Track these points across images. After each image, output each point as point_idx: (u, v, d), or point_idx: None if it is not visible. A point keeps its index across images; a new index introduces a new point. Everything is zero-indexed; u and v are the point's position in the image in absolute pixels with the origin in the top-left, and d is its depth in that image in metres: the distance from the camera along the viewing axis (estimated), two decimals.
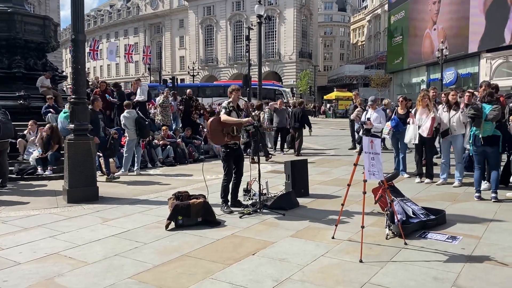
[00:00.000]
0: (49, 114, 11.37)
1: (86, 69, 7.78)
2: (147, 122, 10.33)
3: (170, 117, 13.90)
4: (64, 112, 10.62)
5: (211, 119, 6.37)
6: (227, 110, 6.19)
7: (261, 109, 12.28)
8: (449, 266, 4.02)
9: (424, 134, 7.78)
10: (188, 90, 14.82)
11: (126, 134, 10.03)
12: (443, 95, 8.08)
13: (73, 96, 7.28)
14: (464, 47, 35.27)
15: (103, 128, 9.35)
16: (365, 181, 4.46)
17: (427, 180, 8.11)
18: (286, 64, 57.60)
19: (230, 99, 6.31)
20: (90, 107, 8.92)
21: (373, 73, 55.75)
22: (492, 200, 6.54)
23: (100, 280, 3.81)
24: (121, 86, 13.56)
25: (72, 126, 7.23)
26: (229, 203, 6.30)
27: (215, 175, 9.06)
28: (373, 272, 3.90)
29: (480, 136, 6.51)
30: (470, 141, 6.81)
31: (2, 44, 12.73)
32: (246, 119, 6.19)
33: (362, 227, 4.37)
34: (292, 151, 13.82)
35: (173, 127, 13.84)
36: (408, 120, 8.28)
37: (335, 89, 53.49)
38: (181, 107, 14.07)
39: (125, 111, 9.90)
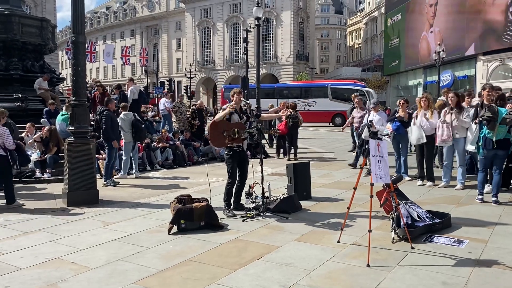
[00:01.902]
0: (43, 119, 11.28)
1: None
2: (143, 125, 10.24)
3: (185, 122, 13.72)
4: (62, 115, 10.53)
5: (211, 122, 6.30)
6: (225, 111, 6.12)
7: (295, 109, 12.49)
8: (457, 271, 3.97)
9: (449, 143, 7.62)
10: (199, 101, 14.78)
11: (122, 136, 9.96)
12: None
13: (74, 98, 7.20)
14: (461, 49, 35.37)
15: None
16: (372, 184, 4.41)
17: (429, 183, 8.08)
18: (283, 67, 57.57)
19: (232, 102, 6.25)
20: (105, 108, 8.92)
21: (370, 75, 55.83)
22: (493, 203, 6.50)
23: (104, 286, 3.74)
24: (122, 88, 13.36)
25: (72, 128, 7.14)
26: (232, 207, 6.23)
27: (215, 178, 9.00)
28: (381, 277, 3.85)
29: (494, 139, 6.34)
30: (480, 144, 6.67)
31: None
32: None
33: (370, 231, 4.32)
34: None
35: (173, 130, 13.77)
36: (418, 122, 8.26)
37: None
38: (196, 121, 13.67)
39: (122, 113, 9.83)
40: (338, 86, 34.35)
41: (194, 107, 13.89)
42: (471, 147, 7.50)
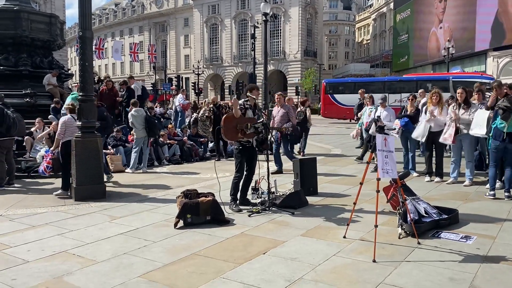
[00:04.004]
0: (50, 116, 11.34)
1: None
2: (156, 121, 10.26)
3: (210, 131, 13.34)
4: (72, 94, 10.49)
5: (226, 115, 6.33)
6: (242, 107, 6.15)
7: (305, 105, 12.50)
8: (465, 267, 3.93)
9: (448, 142, 7.60)
10: (212, 97, 14.24)
11: (133, 132, 10.00)
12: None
13: (81, 94, 7.23)
14: (470, 45, 35.03)
15: None
16: (378, 179, 4.38)
17: (437, 179, 8.01)
18: (291, 63, 57.46)
19: (247, 98, 6.29)
20: None
21: (379, 71, 55.55)
22: (506, 198, 6.42)
23: (109, 279, 3.76)
24: (129, 84, 13.36)
25: (79, 123, 7.18)
26: (238, 202, 6.23)
27: (222, 173, 8.96)
28: (387, 272, 3.83)
29: (505, 130, 6.26)
30: (491, 135, 6.58)
31: (8, 42, 12.70)
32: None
33: (376, 226, 4.29)
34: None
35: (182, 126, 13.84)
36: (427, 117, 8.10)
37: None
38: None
39: (133, 109, 9.86)
40: (462, 79, 27.51)
41: (211, 105, 12.63)
42: (479, 132, 7.15)
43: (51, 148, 7.58)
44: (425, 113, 8.16)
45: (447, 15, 39.39)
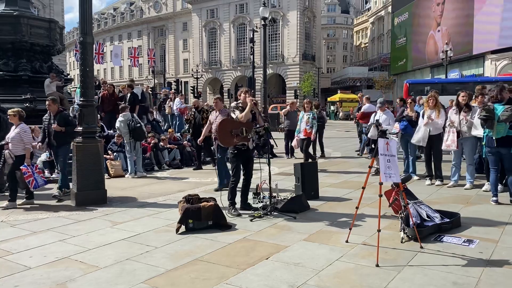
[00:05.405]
0: None
1: None
2: (138, 124, 10.05)
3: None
4: (78, 88, 10.44)
5: (220, 120, 6.32)
6: (238, 110, 6.16)
7: (319, 108, 13.19)
8: (468, 271, 3.93)
9: (453, 148, 7.59)
10: (194, 100, 13.67)
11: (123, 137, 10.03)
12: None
13: (81, 99, 7.23)
14: (468, 48, 35.12)
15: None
16: (381, 183, 4.38)
17: (437, 182, 8.02)
18: (289, 67, 57.48)
19: (240, 101, 6.29)
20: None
21: (377, 75, 55.63)
22: (510, 203, 6.40)
23: (112, 285, 3.75)
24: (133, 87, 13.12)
25: (80, 128, 7.18)
26: (237, 206, 6.22)
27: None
28: (391, 277, 3.82)
29: (494, 138, 6.29)
30: (484, 143, 6.64)
31: (8, 47, 12.72)
32: (249, 103, 6.09)
33: (379, 230, 4.29)
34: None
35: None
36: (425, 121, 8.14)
37: (338, 91, 53.42)
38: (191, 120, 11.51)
39: (120, 114, 9.90)
40: None
41: (193, 109, 11.55)
42: (480, 132, 7.06)
43: (26, 162, 6.93)
44: (423, 117, 8.18)
45: (445, 18, 39.51)
